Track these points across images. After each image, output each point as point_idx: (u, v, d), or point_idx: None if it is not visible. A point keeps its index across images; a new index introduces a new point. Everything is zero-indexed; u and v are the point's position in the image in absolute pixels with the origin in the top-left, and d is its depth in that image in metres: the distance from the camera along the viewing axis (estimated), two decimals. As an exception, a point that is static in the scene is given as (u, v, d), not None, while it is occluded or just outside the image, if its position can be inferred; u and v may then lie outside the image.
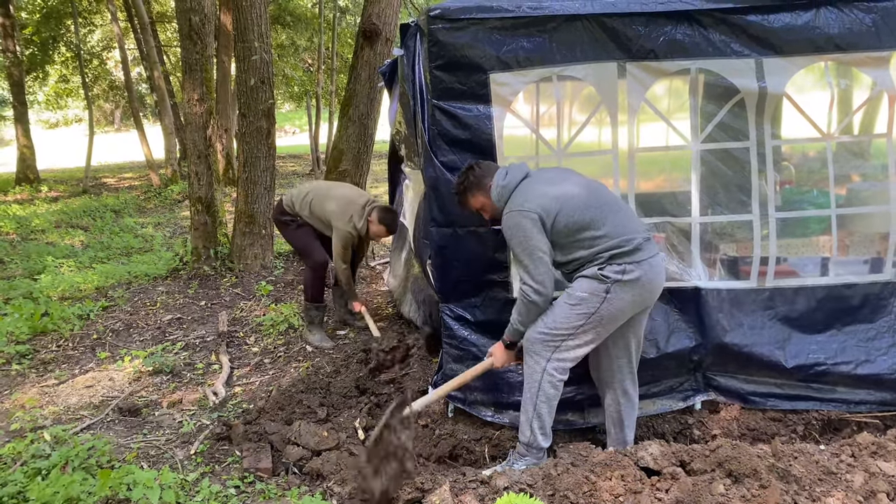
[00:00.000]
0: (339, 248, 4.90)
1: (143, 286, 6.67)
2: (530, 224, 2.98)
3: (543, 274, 2.98)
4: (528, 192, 3.07)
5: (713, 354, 3.54)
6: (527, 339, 3.14)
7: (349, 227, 4.82)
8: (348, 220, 4.82)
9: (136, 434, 3.73)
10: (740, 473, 2.68)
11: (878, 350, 3.48)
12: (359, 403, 3.96)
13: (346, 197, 4.95)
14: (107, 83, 21.99)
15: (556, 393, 3.13)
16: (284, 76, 19.24)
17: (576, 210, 3.02)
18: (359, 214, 4.85)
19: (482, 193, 3.19)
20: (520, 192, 3.09)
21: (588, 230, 3.01)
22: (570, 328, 3.04)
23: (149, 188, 14.21)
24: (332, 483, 3.09)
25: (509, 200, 3.09)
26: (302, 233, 5.04)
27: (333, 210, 4.87)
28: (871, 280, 3.56)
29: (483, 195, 3.19)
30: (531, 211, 2.99)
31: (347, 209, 4.85)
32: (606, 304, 2.99)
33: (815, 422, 3.52)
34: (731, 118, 3.57)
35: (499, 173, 3.15)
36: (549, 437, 3.19)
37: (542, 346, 3.08)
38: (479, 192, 3.20)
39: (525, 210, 3.00)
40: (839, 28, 3.29)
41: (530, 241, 2.98)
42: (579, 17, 3.26)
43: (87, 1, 17.54)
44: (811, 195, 3.91)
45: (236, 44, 6.77)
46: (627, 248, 3.00)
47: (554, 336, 3.06)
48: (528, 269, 2.99)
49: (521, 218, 2.99)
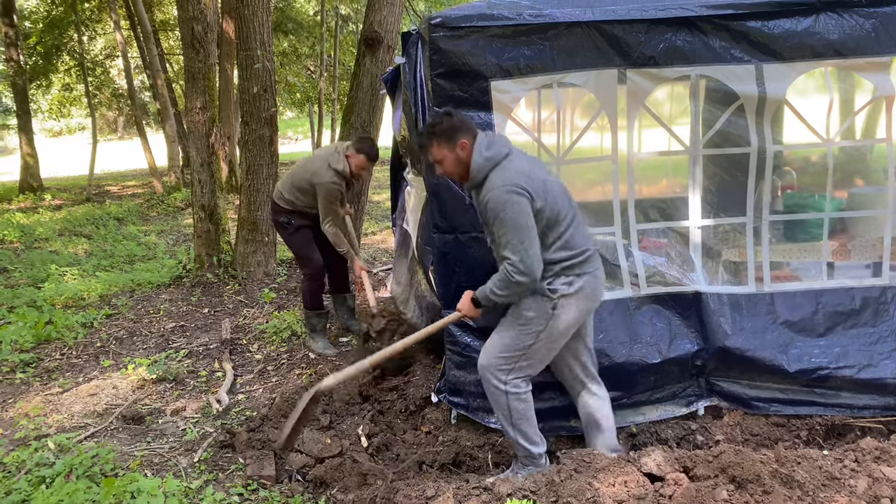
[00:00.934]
0: (325, 205, 4.74)
1: (146, 294, 6.69)
2: (525, 203, 2.83)
3: (533, 256, 2.83)
4: (516, 168, 2.90)
5: (716, 359, 3.54)
6: (482, 367, 3.10)
7: (330, 175, 4.67)
8: (327, 170, 4.67)
9: (140, 442, 3.74)
10: (743, 479, 2.68)
11: (881, 354, 3.48)
12: (362, 410, 3.97)
13: (320, 156, 4.86)
14: (110, 91, 22.05)
15: (527, 405, 3.11)
16: (287, 83, 19.29)
17: (556, 203, 2.92)
18: (335, 159, 4.71)
19: (449, 146, 2.96)
20: (506, 168, 2.90)
21: (557, 230, 2.93)
22: (521, 348, 3.01)
23: (152, 196, 14.24)
24: (336, 490, 3.10)
25: (493, 173, 2.89)
26: (299, 237, 4.97)
27: (314, 171, 4.73)
28: (869, 284, 3.56)
29: (449, 148, 2.96)
30: (524, 191, 2.84)
31: (324, 163, 4.72)
32: (554, 320, 2.97)
33: (819, 427, 3.51)
34: (731, 123, 3.59)
35: (481, 140, 2.95)
36: (542, 442, 3.18)
37: (497, 371, 3.06)
38: (447, 144, 2.96)
39: (518, 188, 2.83)
40: (839, 34, 3.30)
41: (522, 219, 2.82)
42: (580, 24, 3.28)
43: (90, 10, 17.62)
44: (813, 200, 3.92)
45: (239, 52, 6.80)
46: (580, 260, 2.98)
47: (507, 359, 3.03)
48: (516, 248, 2.82)
49: (514, 195, 2.82)
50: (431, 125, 3.01)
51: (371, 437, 3.61)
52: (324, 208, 4.75)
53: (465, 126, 2.98)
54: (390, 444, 3.59)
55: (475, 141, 2.95)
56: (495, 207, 2.83)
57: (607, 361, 3.45)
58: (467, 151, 2.94)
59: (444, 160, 3.00)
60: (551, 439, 3.47)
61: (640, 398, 3.57)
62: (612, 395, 3.50)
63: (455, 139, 2.94)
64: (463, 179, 3.03)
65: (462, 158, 2.96)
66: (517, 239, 2.82)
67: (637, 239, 3.63)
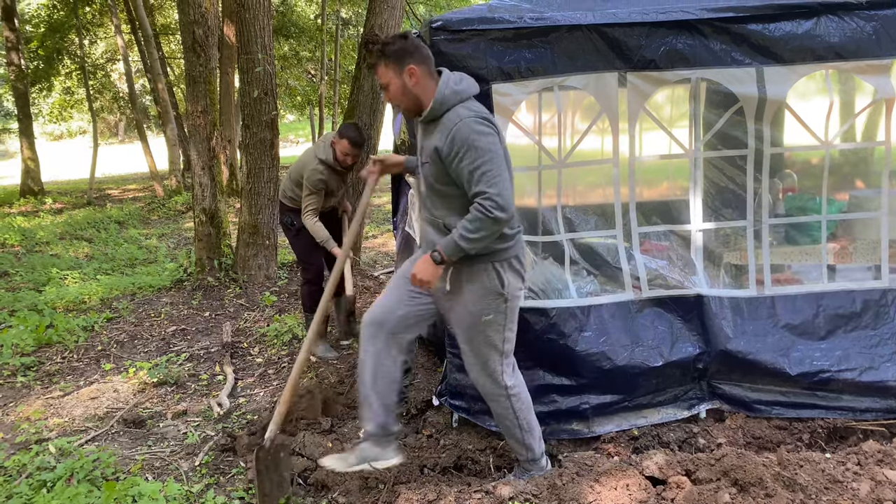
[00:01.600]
0: (306, 194, 4.65)
1: (147, 297, 6.69)
2: (496, 137, 2.62)
3: (510, 189, 2.60)
4: (483, 108, 2.71)
5: (717, 362, 3.53)
6: (479, 386, 3.00)
7: (313, 164, 4.61)
8: (313, 159, 4.64)
9: (141, 445, 3.73)
10: (746, 482, 2.68)
11: (882, 357, 3.48)
12: (363, 414, 3.96)
13: (310, 150, 4.85)
14: (111, 95, 22.09)
15: (526, 394, 3.02)
16: (288, 87, 19.32)
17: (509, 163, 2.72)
18: (322, 149, 4.68)
19: (396, 70, 2.69)
20: (473, 105, 2.68)
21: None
22: (497, 349, 2.88)
23: (153, 199, 14.26)
24: (337, 494, 3.09)
25: (459, 106, 2.65)
26: (302, 239, 4.95)
27: (304, 163, 4.71)
28: (869, 287, 3.56)
29: (396, 72, 2.69)
30: (494, 126, 2.64)
31: (313, 153, 4.70)
32: (510, 310, 2.86)
33: (821, 430, 3.50)
34: (730, 126, 3.59)
35: (450, 75, 2.73)
36: (542, 440, 3.11)
37: (492, 381, 2.95)
38: (394, 67, 2.69)
39: (489, 121, 2.64)
40: (840, 36, 3.31)
41: (496, 148, 2.59)
42: (580, 27, 3.28)
43: (91, 14, 17.66)
44: (814, 202, 3.92)
45: (240, 55, 6.81)
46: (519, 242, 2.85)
47: (492, 365, 2.91)
48: (493, 179, 2.54)
49: (486, 126, 2.60)
50: (383, 44, 2.72)
51: (372, 440, 3.60)
52: (304, 198, 4.69)
53: (418, 53, 2.70)
54: (392, 447, 3.58)
55: (430, 72, 2.72)
56: (467, 137, 2.56)
57: (609, 364, 3.45)
58: (416, 80, 2.68)
59: (389, 84, 2.74)
60: (553, 442, 3.47)
61: (642, 401, 3.56)
62: (613, 399, 3.51)
63: (403, 63, 2.67)
64: (410, 111, 2.80)
65: (409, 87, 2.70)
66: (493, 169, 2.55)
67: (639, 242, 3.63)
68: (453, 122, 2.60)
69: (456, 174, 2.63)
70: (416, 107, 2.74)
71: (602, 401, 3.50)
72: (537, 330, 3.46)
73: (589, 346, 3.46)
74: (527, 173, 4.18)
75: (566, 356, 3.46)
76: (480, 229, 2.57)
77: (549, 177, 4.70)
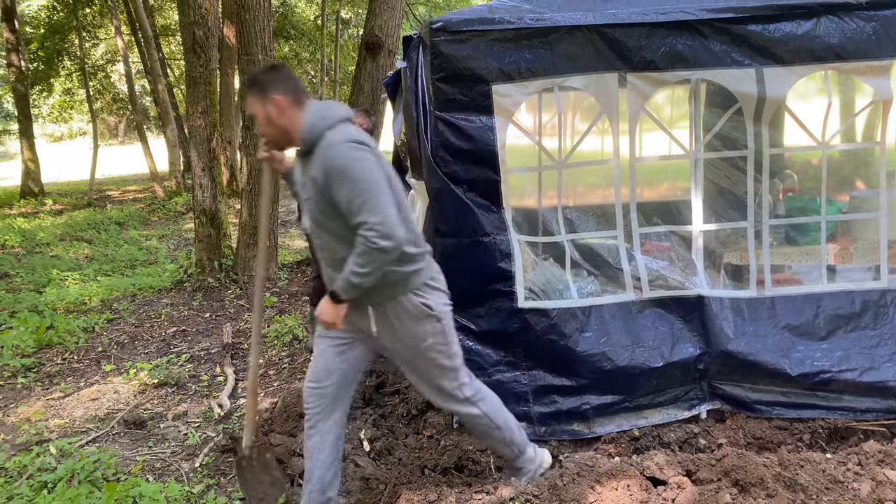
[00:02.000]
0: None
1: (147, 298, 6.69)
2: (373, 159, 2.46)
3: (393, 217, 2.40)
4: (355, 131, 2.55)
5: (718, 363, 3.53)
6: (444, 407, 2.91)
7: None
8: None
9: (142, 447, 3.73)
10: (747, 482, 2.68)
11: (883, 357, 3.48)
12: (364, 415, 3.96)
13: None
14: (111, 96, 22.11)
15: (489, 393, 2.93)
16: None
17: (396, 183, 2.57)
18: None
19: (261, 100, 2.55)
20: (344, 129, 2.51)
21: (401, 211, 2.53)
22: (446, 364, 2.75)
23: (153, 200, 14.26)
24: (338, 495, 3.09)
25: (329, 132, 2.49)
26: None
27: None
28: (869, 287, 3.57)
29: (261, 102, 2.56)
30: (369, 148, 2.48)
31: None
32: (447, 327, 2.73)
33: (822, 430, 3.50)
34: (730, 127, 3.59)
35: (316, 103, 2.61)
36: (521, 429, 3.03)
37: (452, 398, 2.82)
38: (259, 97, 2.56)
39: (363, 144, 2.47)
40: (839, 37, 3.31)
41: (374, 174, 2.42)
42: (581, 27, 3.28)
43: (91, 15, 17.67)
44: (814, 203, 3.92)
45: (240, 56, 6.82)
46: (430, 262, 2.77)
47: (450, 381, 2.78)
48: (373, 208, 2.38)
49: (360, 151, 2.44)
50: (266, 71, 2.62)
51: (373, 441, 3.60)
52: None
53: (283, 82, 2.56)
54: (392, 448, 3.58)
55: (299, 102, 2.57)
56: (340, 165, 2.41)
57: (609, 365, 3.45)
58: (280, 110, 2.54)
59: (257, 115, 2.62)
60: (553, 443, 3.47)
61: (643, 402, 3.56)
62: (614, 399, 3.51)
63: (267, 93, 2.54)
64: (279, 144, 2.69)
65: (273, 117, 2.56)
66: (373, 197, 2.39)
67: (640, 242, 3.63)
68: (324, 151, 2.45)
69: (337, 204, 2.46)
70: (286, 138, 2.62)
71: (603, 401, 3.50)
72: (538, 330, 3.46)
73: (590, 347, 3.46)
74: (527, 174, 4.18)
75: (567, 357, 3.46)
76: (369, 262, 2.42)
77: (549, 177, 4.71)
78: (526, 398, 3.48)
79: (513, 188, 3.53)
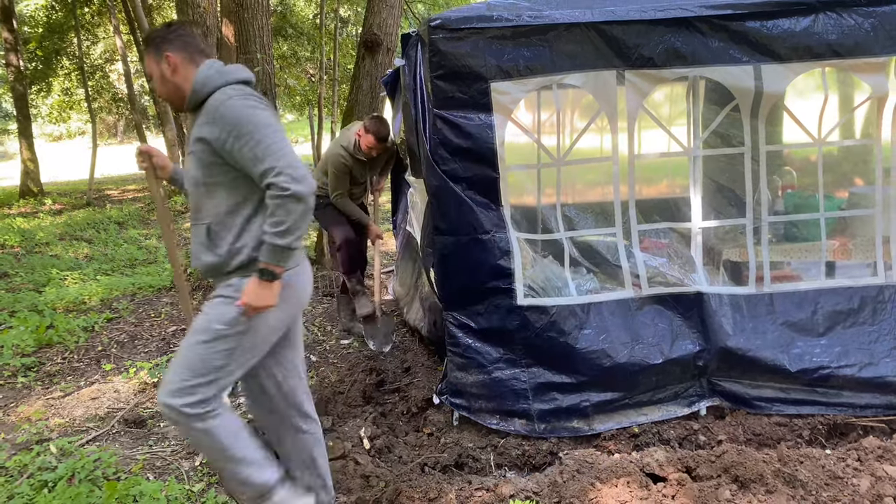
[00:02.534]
0: (332, 178, 4.95)
1: (147, 297, 6.69)
2: (272, 113, 2.33)
3: (299, 160, 2.25)
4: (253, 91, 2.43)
5: (718, 359, 3.54)
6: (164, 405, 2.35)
7: (337, 150, 4.93)
8: (336, 146, 4.97)
9: (142, 445, 3.74)
10: (746, 479, 2.68)
11: (881, 353, 3.49)
12: (364, 413, 3.97)
13: (336, 140, 5.19)
14: (110, 96, 22.08)
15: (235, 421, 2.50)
16: (287, 87, 19.32)
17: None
18: (346, 138, 4.97)
19: (156, 58, 2.45)
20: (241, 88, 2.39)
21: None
22: (208, 372, 2.37)
23: (152, 200, 14.24)
24: (338, 492, 3.09)
25: (225, 87, 2.36)
26: (326, 213, 5.19)
27: (329, 153, 5.06)
28: (866, 283, 3.58)
29: (156, 61, 2.46)
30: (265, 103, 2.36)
31: (336, 142, 5.06)
32: (253, 332, 2.40)
33: (821, 426, 3.51)
34: (728, 124, 3.60)
35: (216, 62, 2.49)
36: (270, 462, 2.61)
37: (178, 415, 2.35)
38: (154, 55, 2.46)
39: (258, 97, 2.36)
40: (838, 34, 3.31)
41: (273, 120, 2.30)
42: (579, 25, 3.28)
43: (89, 14, 17.65)
44: (813, 199, 3.93)
45: (238, 56, 6.80)
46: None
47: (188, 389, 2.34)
48: (278, 152, 2.23)
49: (255, 100, 2.33)
50: (165, 31, 2.49)
51: (373, 439, 3.61)
52: (331, 181, 4.98)
53: (179, 41, 2.46)
54: (392, 446, 3.59)
55: (193, 61, 2.45)
56: (237, 114, 2.26)
57: (609, 362, 3.46)
58: (173, 68, 2.44)
59: (152, 74, 2.51)
60: (553, 440, 3.47)
61: (642, 399, 3.57)
62: (613, 396, 3.51)
63: (161, 51, 2.44)
64: (174, 104, 2.54)
65: (167, 76, 2.45)
66: (277, 141, 2.25)
67: (638, 239, 3.64)
68: (219, 102, 2.31)
69: (235, 160, 2.29)
70: (179, 97, 2.48)
71: (603, 398, 3.51)
72: (537, 328, 3.47)
73: (589, 344, 3.47)
74: (526, 171, 4.18)
75: (566, 354, 3.47)
76: (287, 215, 2.21)
77: (548, 175, 4.71)
78: (525, 395, 3.49)
79: (512, 186, 3.53)
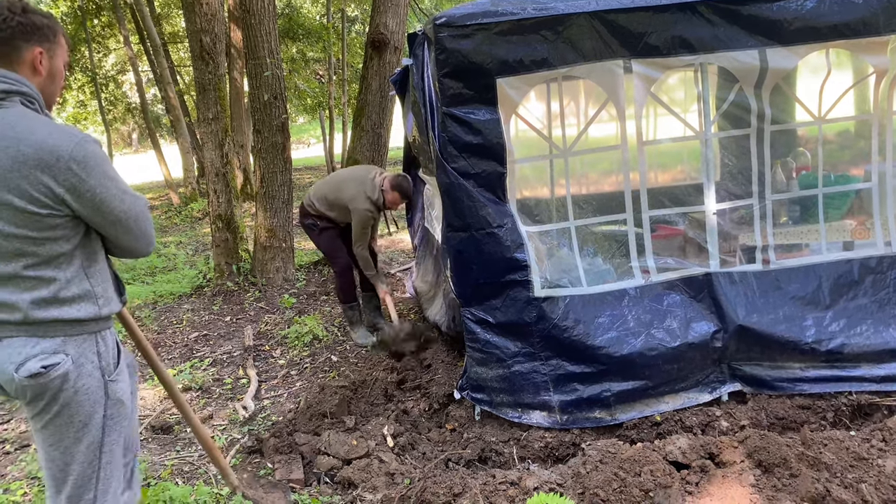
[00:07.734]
0: (359, 230, 5.03)
1: (168, 305, 6.77)
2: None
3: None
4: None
5: (734, 339, 3.53)
6: None
7: (366, 205, 4.96)
8: (364, 199, 4.97)
9: (170, 451, 3.79)
10: (770, 463, 2.68)
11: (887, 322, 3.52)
12: (386, 411, 4.00)
13: (356, 178, 5.14)
14: (123, 106, 22.29)
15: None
16: (297, 89, 19.39)
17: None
18: (371, 188, 5.00)
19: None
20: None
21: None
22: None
23: (169, 207, 14.38)
24: (363, 490, 3.13)
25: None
26: (325, 237, 5.29)
27: (350, 196, 5.03)
28: (866, 255, 3.63)
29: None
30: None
31: (360, 189, 5.01)
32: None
33: (845, 407, 3.49)
34: (736, 105, 3.59)
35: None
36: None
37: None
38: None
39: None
40: (842, 14, 3.29)
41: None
42: (583, 14, 3.27)
43: (100, 27, 17.82)
44: (828, 179, 3.89)
45: (248, 61, 6.85)
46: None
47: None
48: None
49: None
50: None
51: (396, 436, 3.64)
52: (356, 233, 5.06)
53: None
54: (416, 443, 3.61)
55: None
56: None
57: (627, 349, 3.46)
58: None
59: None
60: (576, 431, 3.48)
61: (664, 388, 3.56)
62: (635, 385, 3.51)
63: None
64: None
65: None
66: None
67: (650, 226, 3.63)
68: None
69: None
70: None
71: (624, 387, 3.51)
72: (555, 319, 3.47)
73: (606, 332, 3.47)
74: (536, 164, 4.19)
75: (584, 343, 3.47)
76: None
77: (559, 167, 4.70)
78: (546, 387, 3.50)
79: (522, 179, 3.54)
